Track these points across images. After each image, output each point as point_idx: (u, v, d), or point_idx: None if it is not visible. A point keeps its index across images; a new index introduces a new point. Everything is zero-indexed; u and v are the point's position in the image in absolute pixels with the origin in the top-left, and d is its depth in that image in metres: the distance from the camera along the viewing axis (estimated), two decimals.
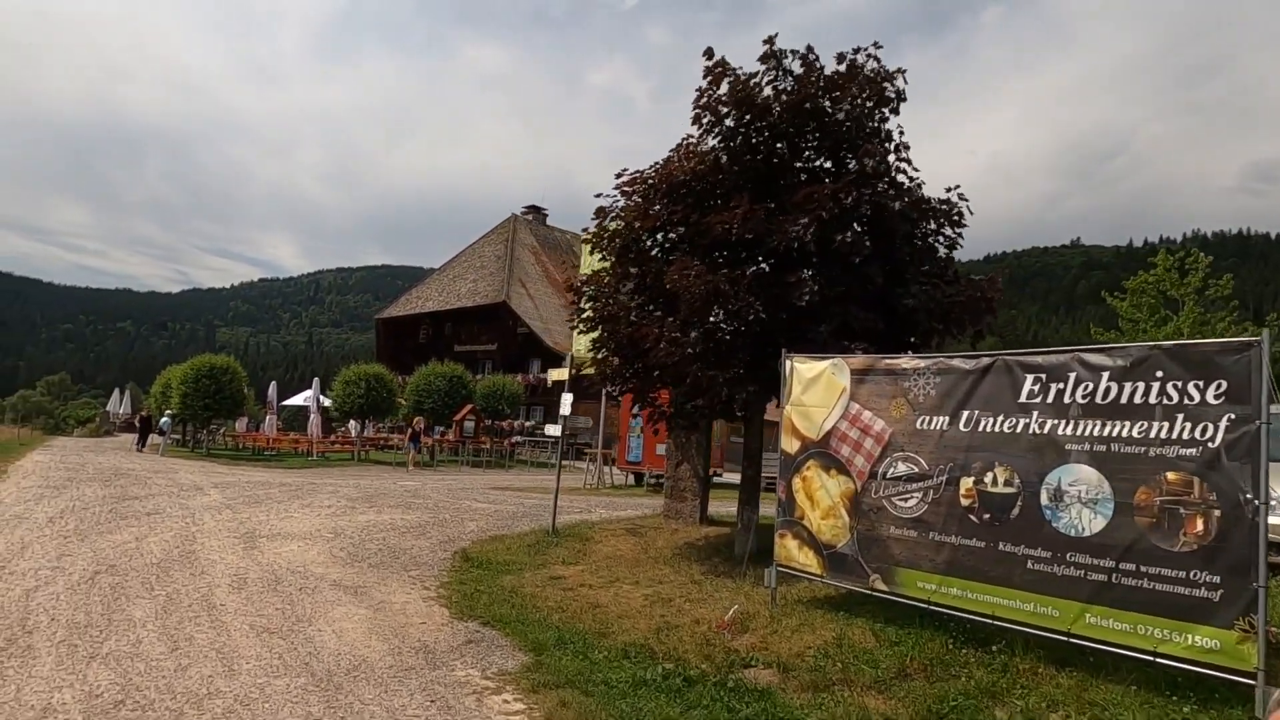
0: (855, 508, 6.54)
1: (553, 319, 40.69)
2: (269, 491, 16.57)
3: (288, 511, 13.50)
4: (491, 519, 13.98)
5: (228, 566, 8.66)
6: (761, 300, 8.03)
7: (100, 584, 7.46)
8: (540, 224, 48.36)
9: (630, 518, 13.65)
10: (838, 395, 6.78)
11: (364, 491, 17.73)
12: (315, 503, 14.99)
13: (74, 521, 10.90)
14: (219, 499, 14.64)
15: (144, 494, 14.74)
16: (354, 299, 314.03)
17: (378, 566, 9.34)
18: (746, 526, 9.47)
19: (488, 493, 19.35)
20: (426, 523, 13.04)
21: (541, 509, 15.98)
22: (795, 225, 7.93)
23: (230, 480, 18.84)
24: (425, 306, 45.00)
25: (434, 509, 14.98)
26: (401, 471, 25.89)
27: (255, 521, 12.02)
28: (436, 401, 28.72)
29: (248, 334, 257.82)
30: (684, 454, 11.71)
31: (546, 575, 9.08)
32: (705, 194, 9.01)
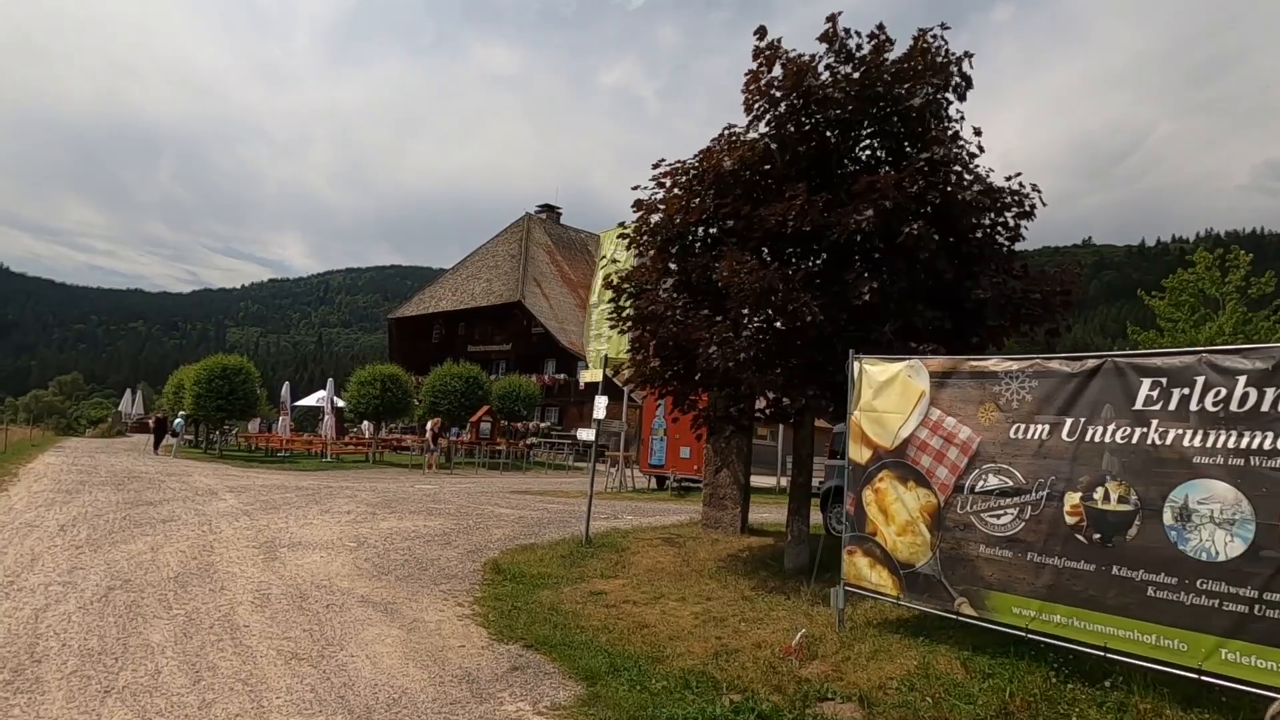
0: (938, 523, 5.97)
1: (568, 319, 40.19)
2: (285, 496, 16.09)
3: (307, 518, 13.01)
4: (517, 526, 13.45)
5: (249, 580, 8.14)
6: (819, 298, 7.46)
7: (115, 602, 6.95)
8: (554, 223, 47.83)
9: (664, 526, 13.10)
10: (915, 400, 6.21)
11: (382, 496, 17.24)
12: (334, 508, 14.49)
13: (86, 530, 10.42)
14: (235, 504, 14.15)
15: (158, 499, 14.27)
16: (363, 299, 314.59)
17: (406, 580, 8.82)
18: (798, 538, 8.90)
19: (508, 497, 18.84)
20: (451, 530, 12.52)
21: (567, 515, 15.46)
22: (858, 216, 7.36)
23: (245, 484, 18.37)
24: (438, 306, 44.53)
25: (457, 515, 14.46)
26: (418, 474, 25.42)
27: (274, 530, 11.52)
28: (453, 402, 28.23)
29: (258, 334, 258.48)
30: (723, 460, 11.15)
31: (586, 590, 8.53)
32: (753, 185, 8.45)
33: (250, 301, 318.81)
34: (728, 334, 7.64)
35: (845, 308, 7.56)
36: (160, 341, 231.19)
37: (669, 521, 14.32)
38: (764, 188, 8.39)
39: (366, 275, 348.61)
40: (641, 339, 9.34)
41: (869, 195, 7.53)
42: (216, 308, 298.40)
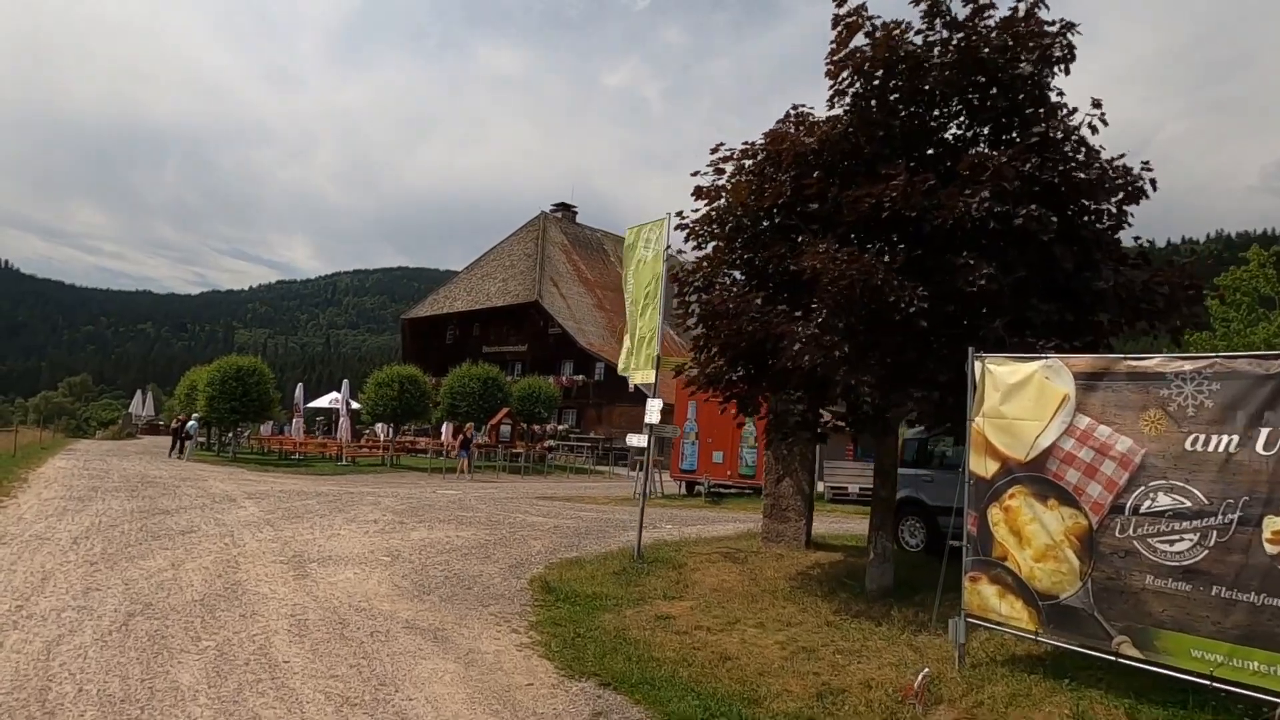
0: (1089, 549, 5.15)
1: (586, 319, 39.39)
2: (307, 503, 15.33)
3: (332, 527, 12.24)
4: (555, 537, 12.66)
5: (281, 603, 7.36)
6: (926, 289, 6.65)
7: (136, 631, 6.17)
8: (570, 222, 47.05)
9: (714, 538, 12.29)
10: (1056, 405, 5.39)
11: (406, 503, 16.48)
12: (359, 516, 13.73)
13: (101, 543, 9.66)
14: (256, 513, 13.39)
15: (175, 507, 13.52)
16: (370, 300, 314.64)
17: (450, 600, 8.03)
18: (882, 556, 8.08)
19: (536, 504, 18.06)
20: (487, 542, 11.73)
21: (604, 524, 14.67)
22: (970, 199, 6.55)
23: (263, 490, 17.63)
24: (453, 306, 43.78)
25: (488, 524, 13.68)
26: (438, 478, 24.66)
27: (301, 541, 10.75)
28: (471, 404, 27.46)
29: (265, 335, 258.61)
30: (785, 468, 10.33)
31: (651, 614, 7.72)
32: (837, 165, 7.64)
33: (258, 303, 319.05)
34: (815, 329, 6.83)
35: (951, 299, 6.75)
36: (169, 343, 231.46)
37: (714, 532, 13.51)
38: (848, 169, 7.58)
39: (373, 277, 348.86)
40: (706, 337, 8.55)
41: (978, 176, 6.72)
42: (224, 309, 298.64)
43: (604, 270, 45.03)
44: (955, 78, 7.32)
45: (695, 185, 8.94)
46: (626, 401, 35.89)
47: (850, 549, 10.43)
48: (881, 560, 8.08)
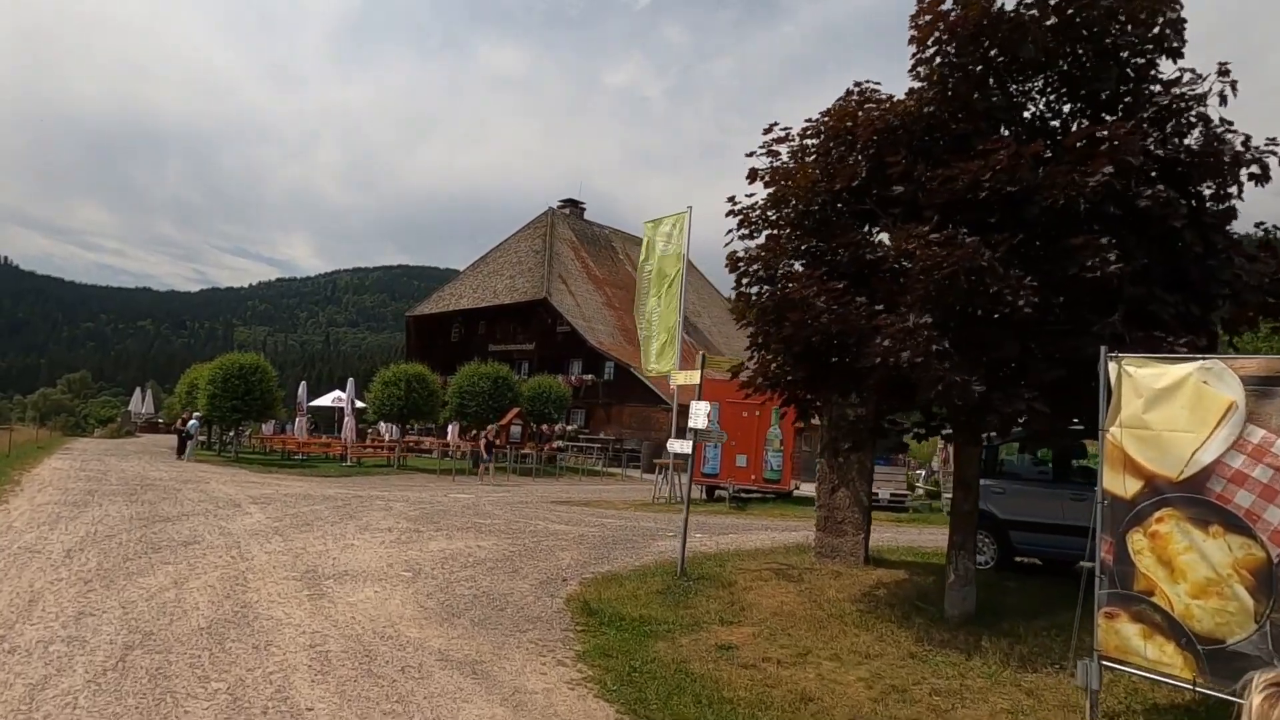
0: (1267, 586, 4.34)
1: (595, 317, 38.57)
2: (315, 509, 14.52)
3: (345, 537, 11.44)
4: (582, 547, 11.86)
5: (298, 630, 6.55)
6: (1035, 278, 5.85)
7: (135, 668, 5.36)
8: (578, 218, 46.21)
9: (757, 550, 11.48)
10: (1220, 415, 4.58)
11: (419, 508, 15.68)
12: (371, 523, 12.93)
13: (96, 557, 8.85)
14: (263, 520, 12.58)
15: (176, 513, 12.70)
16: (370, 299, 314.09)
17: (484, 625, 7.22)
18: (964, 578, 7.27)
19: (554, 509, 17.26)
20: (511, 553, 10.93)
21: (631, 532, 13.87)
22: (1087, 176, 5.74)
23: (268, 494, 16.82)
24: (459, 304, 42.94)
25: (509, 533, 12.88)
26: (447, 481, 23.85)
27: (313, 553, 9.94)
28: (480, 404, 26.65)
29: (265, 333, 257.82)
30: (841, 477, 9.52)
31: (710, 642, 6.92)
32: (918, 142, 6.84)
33: (258, 301, 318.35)
34: (907, 323, 6.02)
35: (1062, 289, 5.95)
36: (169, 340, 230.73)
37: (751, 543, 12.71)
38: (935, 146, 6.78)
39: (374, 275, 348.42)
40: (764, 334, 7.75)
41: (1092, 151, 5.92)
42: (224, 307, 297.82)
43: (613, 268, 44.21)
44: (1055, 45, 6.52)
45: (749, 168, 8.16)
46: (636, 401, 35.12)
47: (913, 565, 9.63)
48: (963, 583, 7.27)
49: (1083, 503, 8.59)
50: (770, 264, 7.37)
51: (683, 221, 21.70)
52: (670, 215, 22.48)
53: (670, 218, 22.35)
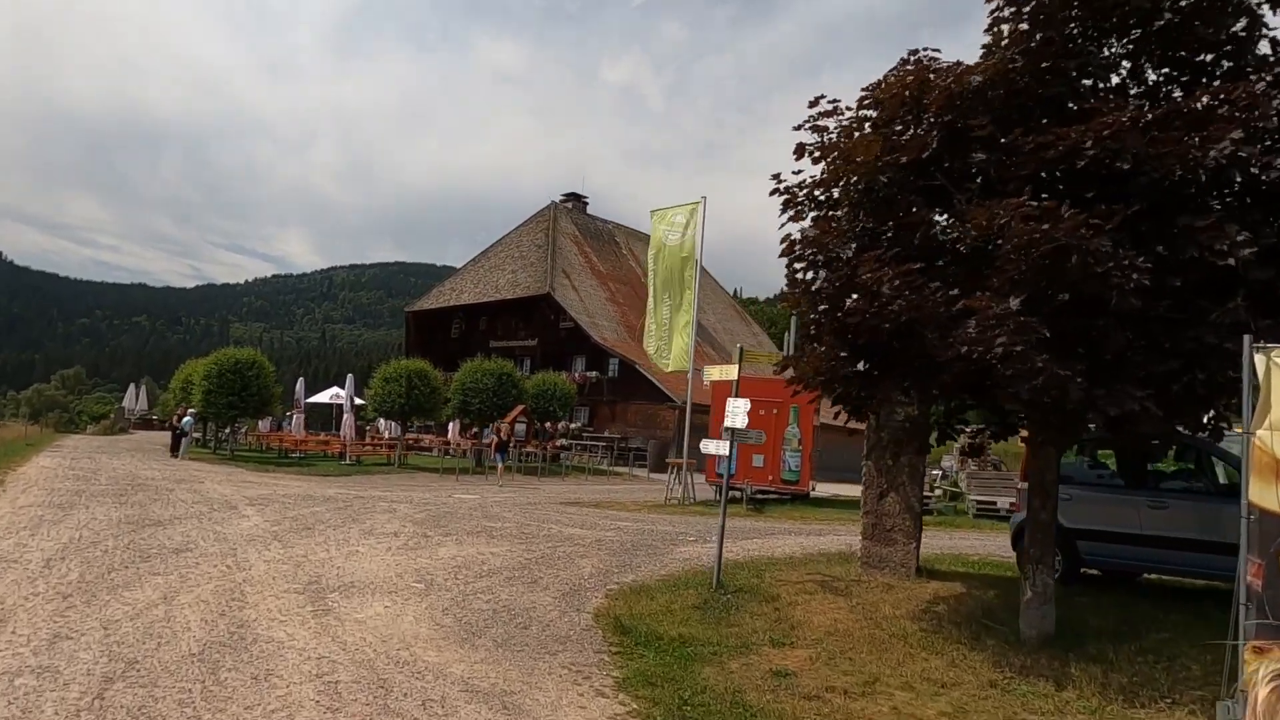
0: None
1: (599, 313, 37.77)
2: (315, 511, 13.76)
3: (349, 542, 10.68)
4: (602, 553, 11.13)
5: (303, 655, 5.80)
6: (1147, 259, 5.12)
7: (114, 706, 4.61)
8: (581, 212, 45.39)
9: (792, 559, 10.74)
10: None
11: (424, 510, 14.93)
12: (376, 528, 12.17)
13: (78, 567, 8.08)
14: (260, 523, 11.82)
15: (168, 516, 11.93)
16: (366, 295, 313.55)
17: (508, 646, 6.48)
18: (1042, 596, 6.54)
19: (564, 511, 16.52)
20: (527, 561, 10.19)
21: (650, 537, 13.13)
22: (1210, 144, 5.01)
23: (265, 494, 16.05)
24: (459, 299, 42.10)
25: (522, 537, 12.14)
26: (451, 480, 23.08)
27: (315, 562, 9.19)
28: (484, 401, 25.86)
29: (261, 329, 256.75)
30: (890, 481, 8.78)
31: (764, 667, 6.18)
32: (1002, 108, 6.10)
33: (254, 297, 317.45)
34: (999, 308, 5.28)
35: (1178, 272, 5.22)
36: (164, 336, 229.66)
37: (780, 549, 11.99)
38: (1021, 112, 6.05)
39: (370, 271, 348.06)
40: (816, 324, 7.02)
41: (1209, 116, 5.18)
42: (220, 303, 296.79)
43: (616, 263, 43.40)
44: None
45: (797, 143, 7.42)
46: (642, 399, 34.36)
47: (968, 578, 8.91)
48: (1041, 601, 6.54)
49: (1163, 511, 7.88)
50: (830, 247, 6.63)
51: (696, 212, 20.99)
52: (680, 205, 21.78)
53: (681, 208, 21.62)
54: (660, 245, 20.92)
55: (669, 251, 20.62)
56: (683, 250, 20.19)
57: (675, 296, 20.45)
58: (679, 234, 20.34)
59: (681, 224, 20.44)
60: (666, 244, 20.73)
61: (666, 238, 20.72)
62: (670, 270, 20.56)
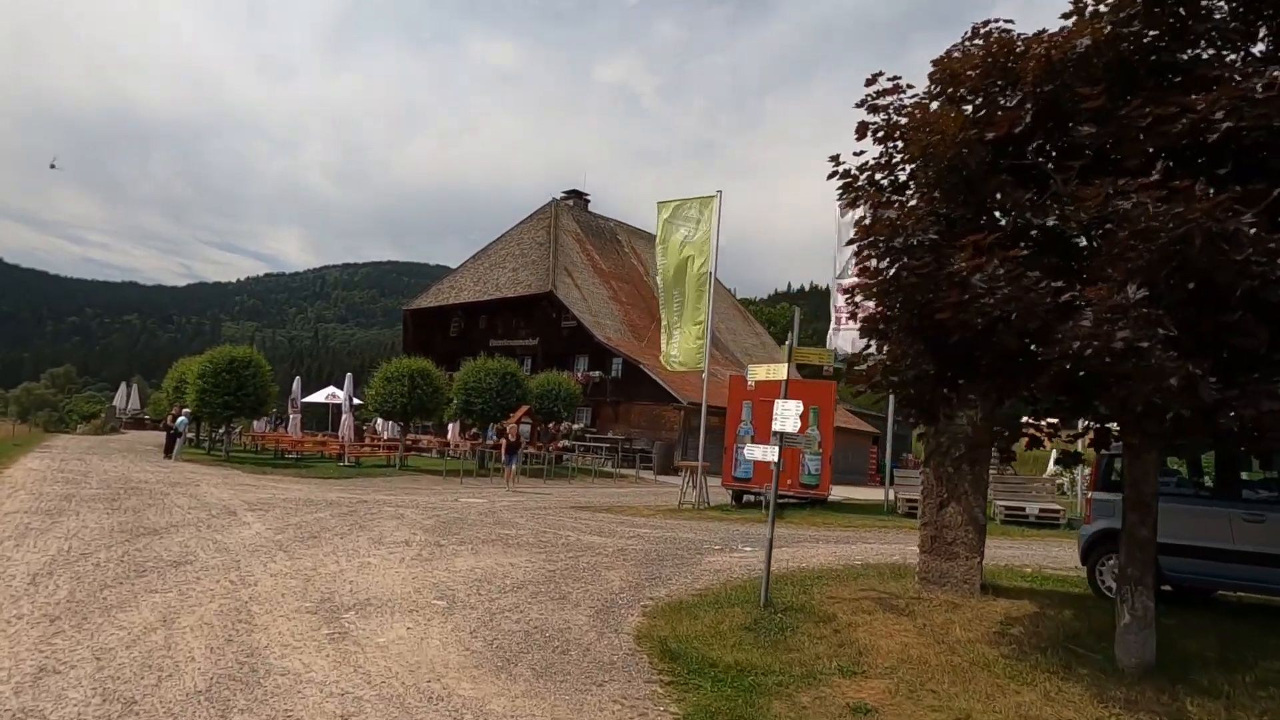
0: None
1: (602, 311, 37.09)
2: (319, 517, 13.06)
3: (358, 552, 10.00)
4: (628, 564, 10.47)
5: (323, 691, 5.12)
6: None
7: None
8: (582, 210, 44.68)
9: (831, 571, 10.08)
10: None
11: (432, 515, 14.25)
12: (385, 535, 11.49)
13: (68, 584, 7.38)
14: (263, 531, 11.12)
15: (164, 524, 11.22)
16: (360, 294, 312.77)
17: (548, 675, 5.81)
18: (1142, 619, 5.90)
19: (577, 516, 15.85)
20: (551, 573, 9.53)
21: (674, 545, 12.47)
22: None
23: (265, 498, 15.33)
24: (459, 297, 41.34)
25: (540, 546, 11.47)
26: (455, 483, 22.40)
27: (326, 575, 8.50)
28: (487, 401, 25.15)
29: (253, 328, 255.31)
30: (951, 490, 8.12)
31: (839, 702, 5.52)
32: (1112, 74, 5.47)
33: (246, 295, 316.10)
34: (1117, 299, 4.64)
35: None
36: (155, 335, 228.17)
37: (815, 560, 11.36)
38: (1133, 76, 5.41)
39: (364, 270, 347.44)
40: (885, 319, 6.38)
41: None
42: (212, 301, 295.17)
43: (618, 261, 42.70)
44: None
45: (859, 122, 6.80)
46: (646, 399, 33.68)
47: (1034, 594, 8.26)
48: (1141, 625, 5.90)
49: (1260, 525, 7.25)
50: (910, 232, 5.97)
51: (711, 206, 20.32)
52: (693, 198, 21.08)
53: (693, 200, 20.93)
54: (669, 239, 20.22)
55: (681, 246, 19.95)
56: (696, 245, 19.53)
57: (686, 293, 19.78)
58: (692, 227, 19.67)
59: (694, 218, 19.77)
60: (676, 238, 20.05)
61: (677, 231, 20.04)
62: (681, 266, 19.88)
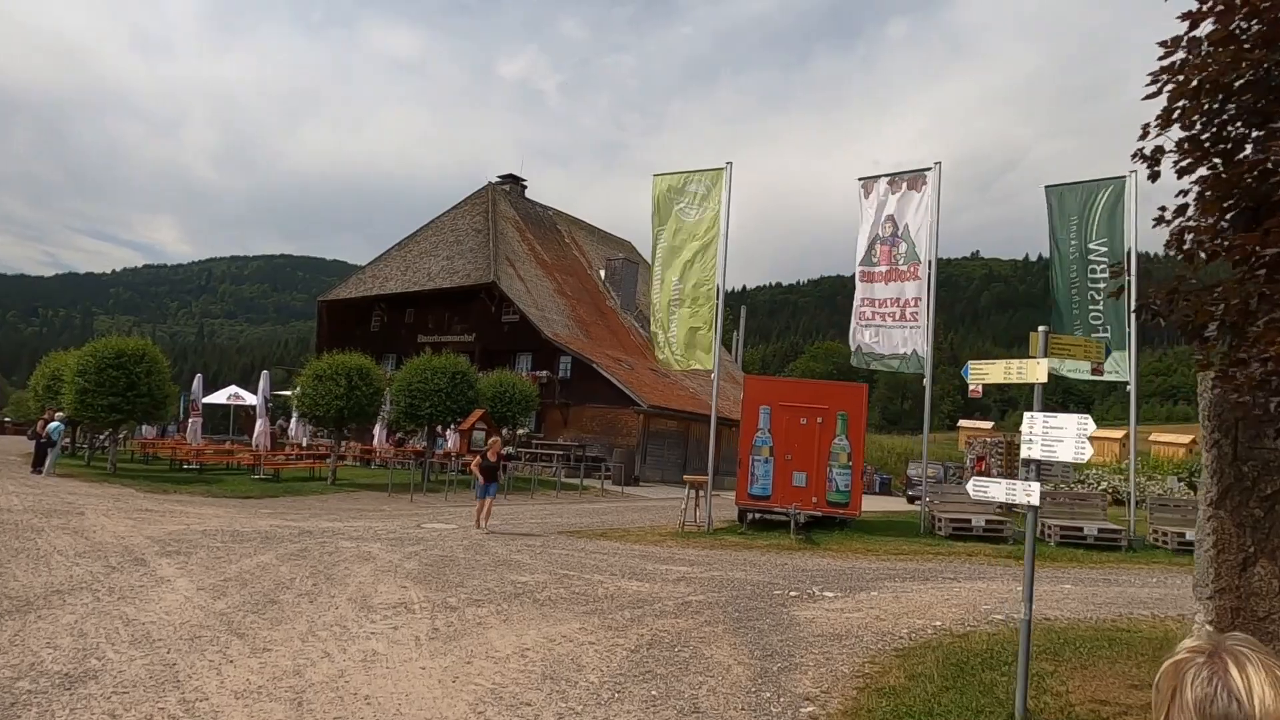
0: None
1: (548, 305, 33.88)
2: (263, 563, 9.70)
3: (347, 629, 6.86)
4: (716, 629, 7.69)
5: None
6: None
7: None
8: (520, 196, 41.24)
9: (1045, 645, 7.52)
10: None
11: (408, 553, 11.07)
12: (369, 594, 8.32)
13: None
14: (193, 595, 7.76)
15: (39, 588, 7.68)
16: (249, 289, 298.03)
17: None
18: None
19: (584, 549, 12.92)
20: (636, 657, 6.66)
21: (738, 591, 9.66)
22: None
23: (178, 532, 11.73)
24: (384, 287, 37.21)
25: (580, 601, 8.56)
26: (403, 502, 18.94)
27: (319, 683, 5.37)
28: (436, 405, 21.71)
29: (130, 323, 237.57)
30: (1259, 543, 5.68)
31: None
32: None
33: (122, 288, 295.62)
34: None
35: None
36: (16, 329, 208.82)
37: (945, 613, 8.82)
38: None
39: (254, 264, 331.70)
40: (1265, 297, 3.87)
41: None
42: (83, 293, 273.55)
43: (560, 252, 39.49)
44: None
45: (1157, 67, 4.34)
46: (599, 401, 30.75)
47: None
48: None
49: None
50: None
51: (720, 179, 17.67)
52: (696, 170, 18.40)
53: (696, 174, 18.23)
54: (667, 217, 17.44)
55: (682, 225, 17.21)
56: (703, 226, 16.84)
57: (689, 280, 17.07)
58: (697, 204, 16.97)
59: (698, 195, 17.08)
60: (677, 216, 17.30)
61: (677, 208, 17.30)
62: (680, 248, 17.15)
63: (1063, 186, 16.96)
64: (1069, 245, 16.69)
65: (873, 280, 16.99)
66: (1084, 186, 16.74)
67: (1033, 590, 5.54)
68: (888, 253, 16.80)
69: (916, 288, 16.48)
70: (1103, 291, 16.24)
